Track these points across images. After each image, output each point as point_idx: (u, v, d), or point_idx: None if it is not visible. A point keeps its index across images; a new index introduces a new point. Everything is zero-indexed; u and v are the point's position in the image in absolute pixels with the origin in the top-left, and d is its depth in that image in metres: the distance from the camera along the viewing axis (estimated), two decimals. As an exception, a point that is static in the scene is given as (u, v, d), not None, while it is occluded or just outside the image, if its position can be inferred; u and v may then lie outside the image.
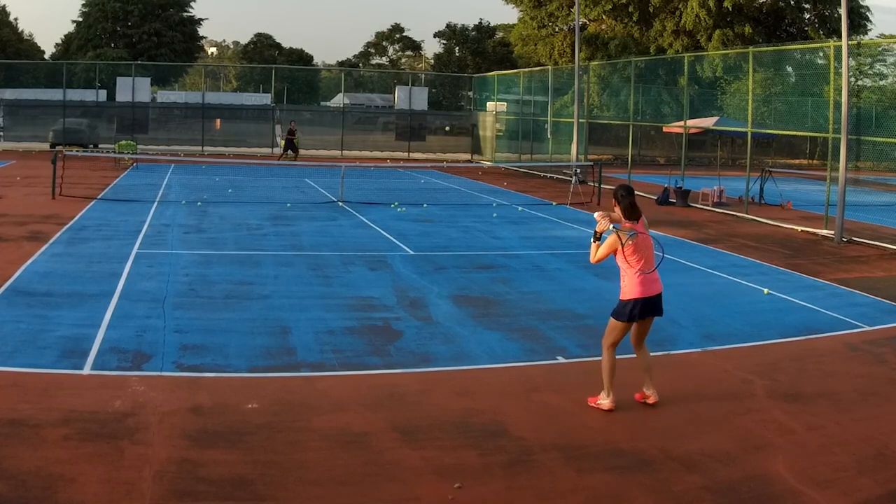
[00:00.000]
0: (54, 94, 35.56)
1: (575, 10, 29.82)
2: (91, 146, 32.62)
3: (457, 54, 65.83)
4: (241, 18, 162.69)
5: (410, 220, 16.15)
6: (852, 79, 23.36)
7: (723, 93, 33.45)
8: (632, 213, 6.21)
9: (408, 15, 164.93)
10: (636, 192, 6.54)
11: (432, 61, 70.63)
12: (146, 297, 9.08)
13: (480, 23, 66.12)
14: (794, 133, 25.53)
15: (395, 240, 13.74)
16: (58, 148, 26.14)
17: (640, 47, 42.13)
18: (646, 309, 6.16)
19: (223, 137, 37.39)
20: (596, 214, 6.27)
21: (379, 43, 74.43)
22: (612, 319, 6.24)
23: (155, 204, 17.19)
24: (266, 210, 16.93)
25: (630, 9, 42.52)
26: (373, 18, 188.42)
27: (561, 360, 7.52)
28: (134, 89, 35.89)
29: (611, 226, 6.20)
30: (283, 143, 29.23)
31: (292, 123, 28.83)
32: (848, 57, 15.71)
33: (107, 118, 35.76)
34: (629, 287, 6.15)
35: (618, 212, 6.26)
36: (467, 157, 37.91)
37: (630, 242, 6.09)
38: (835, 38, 22.67)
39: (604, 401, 6.19)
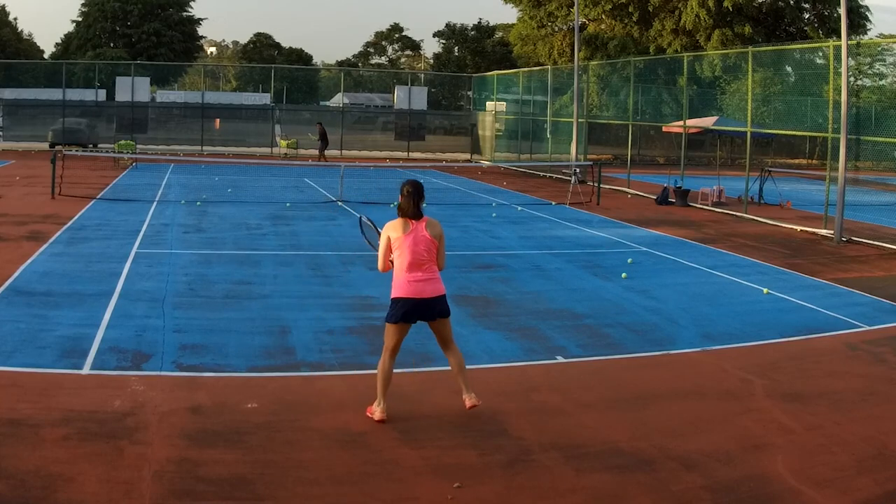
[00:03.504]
0: (54, 94, 35.54)
1: (574, 10, 29.81)
2: (90, 146, 32.60)
3: (456, 54, 65.96)
4: (240, 18, 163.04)
5: (410, 220, 16.12)
6: (852, 78, 23.33)
7: (722, 92, 33.42)
8: (407, 210, 5.97)
9: (407, 15, 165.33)
10: (636, 193, 6.51)
11: (431, 61, 70.71)
12: (145, 296, 9.08)
13: (480, 22, 66.38)
14: (793, 133, 25.53)
15: (394, 239, 13.71)
16: (57, 147, 26.14)
17: (639, 47, 42.11)
18: (418, 311, 5.78)
19: (222, 137, 37.37)
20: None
21: (378, 42, 74.52)
22: (385, 323, 5.93)
23: (154, 203, 17.18)
24: (265, 210, 16.93)
25: (630, 9, 42.51)
26: (372, 18, 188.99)
27: (560, 359, 7.52)
28: (133, 89, 35.86)
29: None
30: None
31: (319, 125, 29.76)
32: (847, 57, 15.70)
33: (106, 118, 35.75)
34: (395, 285, 5.88)
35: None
36: (466, 156, 37.90)
37: (396, 237, 5.87)
38: (834, 38, 22.64)
39: (376, 409, 5.81)
